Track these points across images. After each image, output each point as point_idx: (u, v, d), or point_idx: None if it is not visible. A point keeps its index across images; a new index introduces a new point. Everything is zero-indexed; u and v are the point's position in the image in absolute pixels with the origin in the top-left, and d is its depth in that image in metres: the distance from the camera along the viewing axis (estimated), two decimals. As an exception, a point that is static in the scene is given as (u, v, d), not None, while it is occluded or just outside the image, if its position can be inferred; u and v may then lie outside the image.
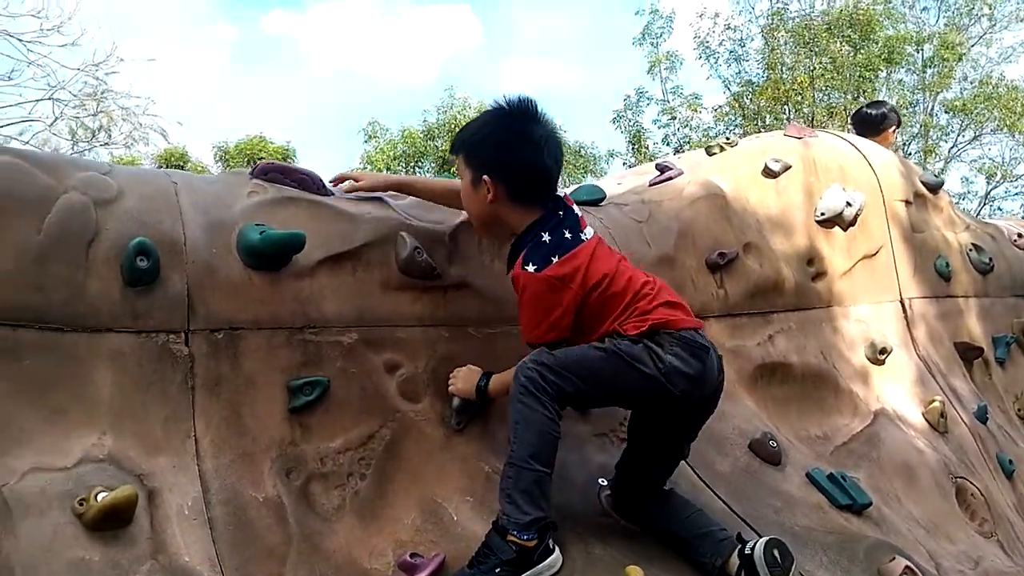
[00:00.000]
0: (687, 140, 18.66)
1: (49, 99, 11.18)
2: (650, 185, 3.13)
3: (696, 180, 3.05)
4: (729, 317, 2.94)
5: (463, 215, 2.40)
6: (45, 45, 10.92)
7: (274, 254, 2.01)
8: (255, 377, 2.01)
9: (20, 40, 11.08)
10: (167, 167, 20.18)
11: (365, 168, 21.35)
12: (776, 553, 2.03)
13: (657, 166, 3.23)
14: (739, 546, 2.07)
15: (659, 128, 19.02)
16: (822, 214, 3.28)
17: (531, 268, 2.06)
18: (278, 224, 2.07)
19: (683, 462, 2.50)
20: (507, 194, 2.13)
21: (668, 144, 18.92)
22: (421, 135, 21.70)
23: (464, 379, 2.23)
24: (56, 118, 11.17)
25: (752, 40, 18.56)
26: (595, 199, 2.93)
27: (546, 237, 2.10)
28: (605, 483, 2.33)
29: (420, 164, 22.14)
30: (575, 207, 2.23)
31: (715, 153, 3.31)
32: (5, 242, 1.71)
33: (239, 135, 21.92)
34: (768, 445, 2.71)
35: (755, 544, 2.04)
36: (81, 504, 1.63)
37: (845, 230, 3.36)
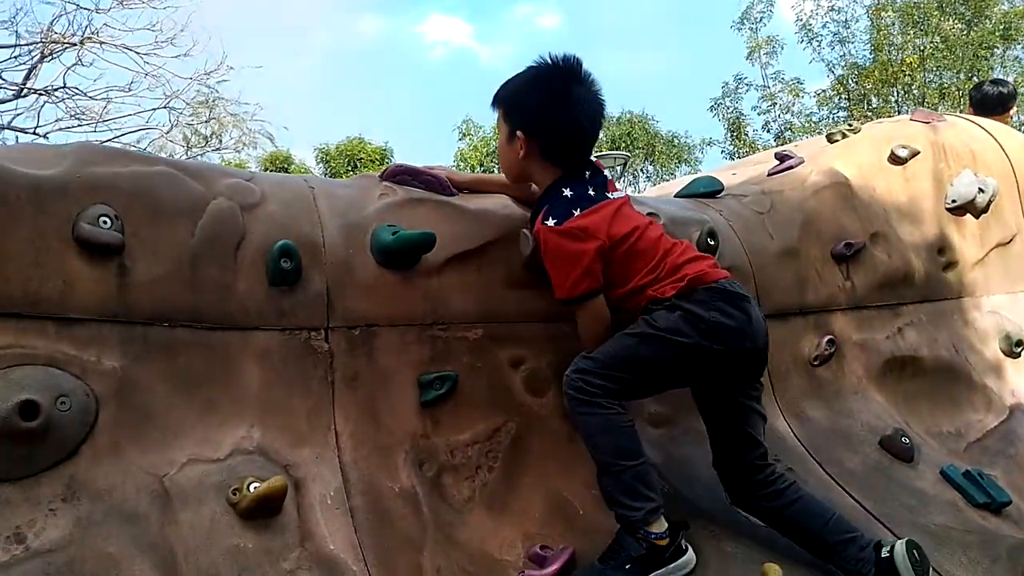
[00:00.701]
0: (788, 126, 18.15)
1: (165, 108, 11.77)
2: (769, 175, 3.06)
3: (819, 168, 2.96)
4: (856, 310, 2.84)
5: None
6: (160, 56, 11.50)
7: (406, 253, 2.07)
8: (389, 372, 2.07)
9: (137, 53, 11.69)
10: (273, 169, 21.01)
11: (459, 165, 21.65)
12: (916, 554, 1.96)
13: (776, 155, 3.15)
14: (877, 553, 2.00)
15: (759, 115, 18.56)
16: (953, 201, 3.14)
17: (551, 222, 2.05)
18: (408, 224, 2.12)
19: (812, 459, 2.45)
20: (539, 152, 2.13)
21: (768, 131, 18.46)
22: (515, 131, 21.84)
23: None
24: (172, 126, 11.74)
25: (857, 21, 17.89)
26: (713, 190, 2.89)
27: (567, 192, 2.08)
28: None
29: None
30: (605, 171, 2.20)
31: (837, 140, 3.20)
32: (163, 245, 1.81)
33: (339, 136, 22.62)
34: (900, 441, 2.62)
35: (894, 546, 1.97)
36: (235, 494, 1.72)
37: (977, 217, 3.20)
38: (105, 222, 1.71)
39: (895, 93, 17.27)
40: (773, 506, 2.11)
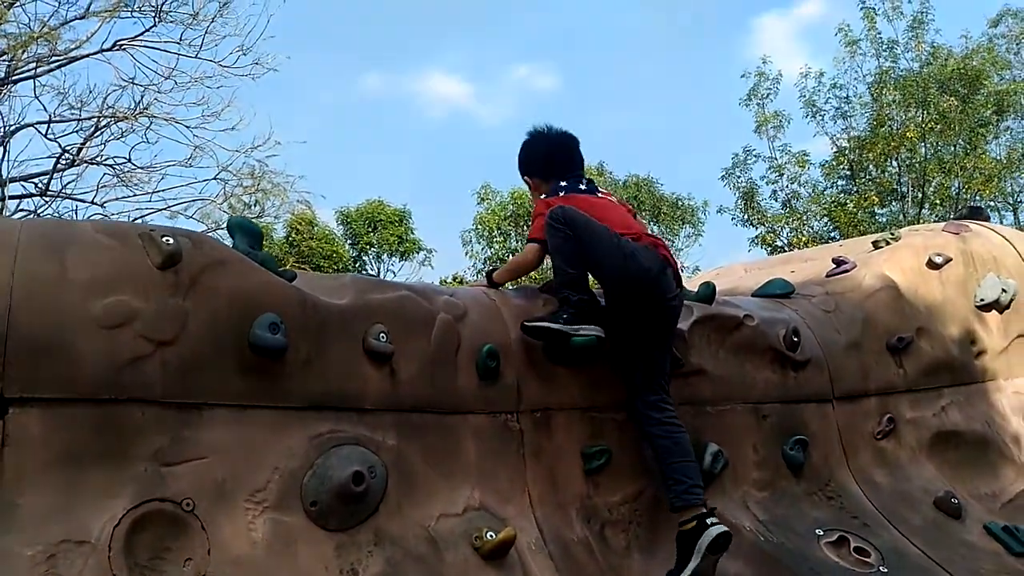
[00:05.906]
0: (796, 196, 18.96)
1: (216, 179, 12.50)
2: (827, 276, 3.70)
3: (871, 273, 3.61)
4: (909, 392, 3.47)
5: (696, 315, 3.03)
6: (208, 130, 12.25)
7: (578, 354, 2.67)
8: (562, 446, 2.67)
9: (187, 127, 12.46)
10: (297, 232, 21.74)
11: (478, 228, 22.37)
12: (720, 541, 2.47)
13: (833, 260, 3.79)
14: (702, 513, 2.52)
15: (767, 184, 19.35)
16: (981, 300, 3.78)
17: (542, 196, 2.94)
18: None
19: (884, 518, 3.04)
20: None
21: (776, 200, 19.23)
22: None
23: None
24: (226, 197, 12.45)
25: (859, 96, 18.80)
26: (787, 292, 3.52)
27: (563, 183, 2.92)
28: (822, 532, 2.89)
29: (529, 224, 23.01)
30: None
31: (881, 246, 3.86)
32: (413, 352, 2.42)
33: (351, 196, 23.34)
34: (950, 502, 3.21)
35: (711, 524, 2.48)
36: (476, 540, 2.31)
37: (1001, 313, 3.84)
38: (382, 336, 2.33)
39: (895, 165, 18.11)
40: (647, 431, 2.71)
